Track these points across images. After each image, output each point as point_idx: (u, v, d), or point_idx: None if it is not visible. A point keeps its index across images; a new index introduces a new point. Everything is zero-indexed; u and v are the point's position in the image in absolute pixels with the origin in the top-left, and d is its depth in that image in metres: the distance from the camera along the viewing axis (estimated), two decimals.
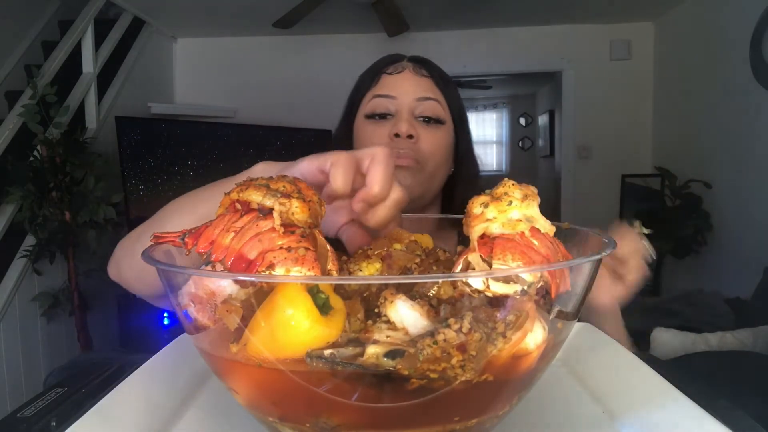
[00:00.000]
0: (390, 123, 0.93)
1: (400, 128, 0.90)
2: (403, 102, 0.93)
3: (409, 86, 0.94)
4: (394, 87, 0.95)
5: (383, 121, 0.94)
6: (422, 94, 0.94)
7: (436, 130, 0.94)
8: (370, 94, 0.97)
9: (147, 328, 2.93)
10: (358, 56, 4.28)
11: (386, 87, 0.95)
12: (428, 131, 0.93)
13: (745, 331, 1.93)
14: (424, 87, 0.95)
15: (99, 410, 0.47)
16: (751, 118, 2.87)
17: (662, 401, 0.49)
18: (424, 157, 0.91)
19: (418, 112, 0.94)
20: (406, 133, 0.90)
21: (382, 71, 0.97)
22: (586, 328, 0.70)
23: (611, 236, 0.43)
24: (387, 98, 0.94)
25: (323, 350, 0.34)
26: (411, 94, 0.94)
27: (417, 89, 0.94)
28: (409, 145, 0.90)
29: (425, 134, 0.92)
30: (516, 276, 0.36)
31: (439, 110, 0.95)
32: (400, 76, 0.96)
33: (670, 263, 3.61)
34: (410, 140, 0.91)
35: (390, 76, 0.96)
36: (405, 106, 0.93)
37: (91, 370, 0.65)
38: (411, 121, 0.92)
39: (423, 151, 0.91)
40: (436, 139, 0.93)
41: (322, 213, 0.44)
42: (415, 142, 0.91)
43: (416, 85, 0.95)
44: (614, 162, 4.04)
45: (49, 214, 2.53)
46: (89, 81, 3.03)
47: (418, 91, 0.94)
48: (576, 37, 4.10)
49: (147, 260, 0.39)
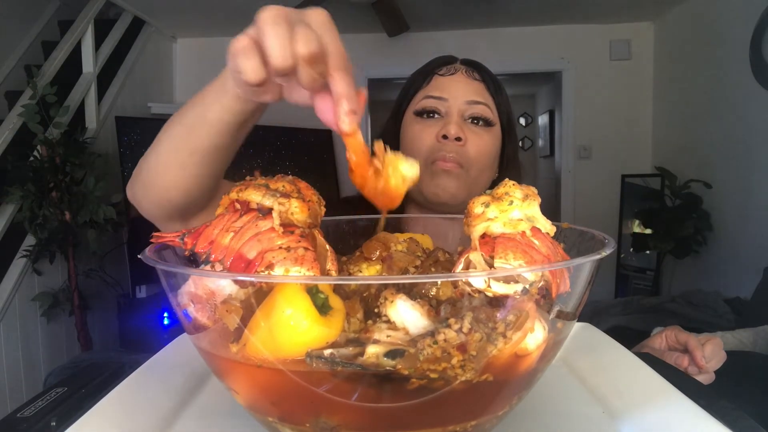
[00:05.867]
0: (438, 123, 0.94)
1: (448, 130, 0.91)
2: (454, 104, 0.94)
3: (460, 89, 0.95)
4: (445, 88, 0.95)
5: (431, 120, 0.95)
6: (473, 97, 0.95)
7: (483, 133, 0.94)
8: (421, 94, 0.97)
9: (147, 328, 2.93)
10: (358, 56, 4.32)
11: (438, 88, 0.96)
12: (476, 134, 0.93)
13: (745, 331, 1.92)
14: (475, 90, 0.96)
15: (99, 410, 0.47)
16: (751, 118, 2.87)
17: (662, 401, 0.49)
18: (470, 160, 0.92)
19: (467, 115, 0.94)
20: (455, 136, 0.90)
21: (434, 72, 0.98)
22: (586, 328, 0.70)
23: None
24: (438, 99, 0.95)
25: (323, 350, 0.34)
26: (462, 97, 0.94)
27: (468, 92, 0.95)
28: (455, 148, 0.91)
29: (473, 137, 0.93)
30: (517, 275, 0.36)
31: (489, 113, 0.95)
32: (452, 78, 0.96)
33: (670, 263, 3.61)
34: (458, 143, 0.91)
35: (442, 78, 0.97)
36: (455, 108, 0.94)
37: (91, 370, 0.65)
38: (460, 124, 0.93)
39: (469, 155, 0.92)
40: (483, 142, 0.94)
41: (322, 213, 0.44)
42: (462, 144, 0.91)
43: (468, 88, 0.95)
44: (614, 162, 4.04)
45: (49, 214, 2.53)
46: (89, 81, 3.03)
47: (469, 94, 0.95)
48: (576, 37, 4.10)
49: (147, 260, 0.39)
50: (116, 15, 3.43)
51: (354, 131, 0.44)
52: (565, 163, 4.28)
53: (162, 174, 0.64)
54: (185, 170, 0.62)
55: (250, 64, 0.43)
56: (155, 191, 0.66)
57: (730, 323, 2.51)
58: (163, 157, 0.63)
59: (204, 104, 0.57)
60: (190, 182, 0.63)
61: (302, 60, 0.42)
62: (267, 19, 0.42)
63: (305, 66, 0.42)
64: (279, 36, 0.41)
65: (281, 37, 0.41)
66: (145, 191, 0.68)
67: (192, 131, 0.59)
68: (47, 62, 2.87)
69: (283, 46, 0.41)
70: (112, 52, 3.30)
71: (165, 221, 0.71)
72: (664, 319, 2.48)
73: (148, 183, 0.66)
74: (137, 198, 0.70)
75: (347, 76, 0.44)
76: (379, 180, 0.46)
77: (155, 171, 0.64)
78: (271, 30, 0.41)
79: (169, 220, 0.71)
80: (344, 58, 0.45)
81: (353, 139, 0.45)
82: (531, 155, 7.18)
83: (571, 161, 4.24)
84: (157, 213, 0.70)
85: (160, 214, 0.70)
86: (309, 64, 0.42)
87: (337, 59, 0.44)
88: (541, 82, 6.03)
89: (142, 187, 0.68)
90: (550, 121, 5.86)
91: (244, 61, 0.43)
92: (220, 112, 0.55)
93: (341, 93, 0.44)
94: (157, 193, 0.66)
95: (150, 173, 0.65)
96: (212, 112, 0.56)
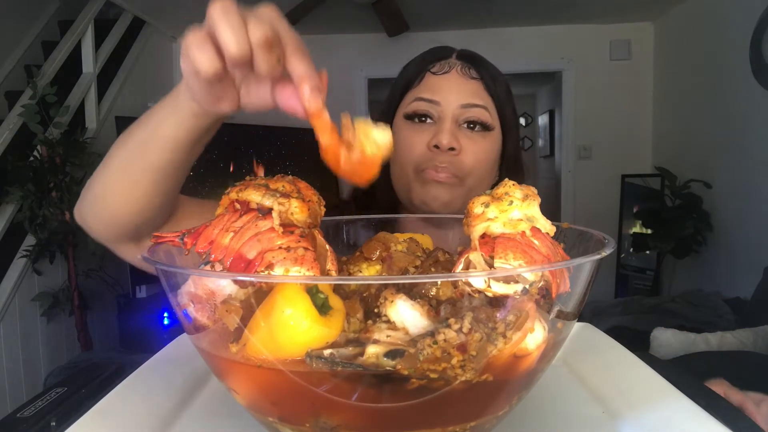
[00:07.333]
0: (431, 129, 0.86)
1: (440, 139, 0.83)
2: (447, 108, 0.85)
3: (454, 90, 0.86)
4: (438, 90, 0.87)
5: (423, 125, 0.87)
6: (468, 100, 0.86)
7: (480, 139, 0.86)
8: (412, 94, 0.89)
9: (147, 328, 2.93)
10: (358, 56, 4.33)
11: (430, 89, 0.87)
12: (472, 140, 0.86)
13: (745, 331, 1.93)
14: (471, 91, 0.87)
15: (99, 410, 0.47)
16: (751, 118, 2.87)
17: (662, 401, 0.49)
18: (465, 170, 0.85)
19: (462, 119, 0.86)
20: (447, 146, 0.83)
21: (427, 69, 0.89)
22: (586, 328, 0.70)
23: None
24: (430, 102, 0.86)
25: (323, 350, 0.34)
26: (456, 101, 0.86)
27: (463, 94, 0.86)
28: (449, 158, 0.83)
29: (468, 144, 0.85)
30: (517, 275, 0.36)
31: (486, 117, 0.87)
32: (445, 77, 0.87)
33: (670, 263, 3.61)
34: (451, 152, 0.83)
35: (435, 77, 0.88)
36: (449, 112, 0.85)
37: (91, 370, 0.65)
38: (453, 131, 0.84)
39: (464, 164, 0.84)
40: (479, 149, 0.86)
41: (322, 213, 0.44)
42: (456, 154, 0.84)
43: (462, 89, 0.87)
44: (614, 162, 4.04)
45: (49, 214, 2.53)
46: (89, 81, 3.03)
47: (464, 96, 0.86)
48: (576, 37, 4.10)
49: (146, 260, 0.39)
50: (116, 15, 3.43)
51: (320, 110, 0.44)
52: (565, 163, 4.28)
53: (113, 193, 0.61)
54: (138, 189, 0.59)
55: (205, 56, 0.42)
56: (107, 211, 0.63)
57: (730, 323, 2.51)
58: (115, 176, 0.60)
59: (157, 121, 0.55)
60: (143, 201, 0.61)
61: (258, 46, 0.41)
62: (218, 10, 0.41)
63: (262, 52, 0.41)
64: (232, 25, 0.40)
65: (234, 26, 0.40)
66: (96, 212, 0.65)
67: (144, 149, 0.57)
68: (47, 62, 2.87)
69: (238, 34, 0.40)
70: (112, 52, 3.30)
71: (117, 243, 0.69)
72: (664, 319, 2.48)
73: (98, 203, 0.64)
74: (87, 220, 0.67)
75: (305, 58, 0.44)
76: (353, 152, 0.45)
77: (106, 190, 0.62)
78: (224, 20, 0.41)
79: (121, 242, 0.68)
80: (300, 42, 0.44)
81: (320, 120, 0.44)
82: (531, 155, 7.18)
83: (571, 161, 4.24)
84: (108, 234, 0.67)
85: (112, 235, 0.67)
86: (265, 49, 0.41)
87: (292, 43, 0.43)
88: (541, 82, 6.03)
89: (92, 207, 0.65)
90: (550, 121, 5.86)
91: (198, 53, 0.42)
92: (173, 128, 0.54)
93: (302, 74, 0.43)
94: (108, 213, 0.63)
95: (101, 193, 0.63)
96: (165, 129, 0.54)
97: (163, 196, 0.62)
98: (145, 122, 0.57)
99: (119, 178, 0.60)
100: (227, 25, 0.41)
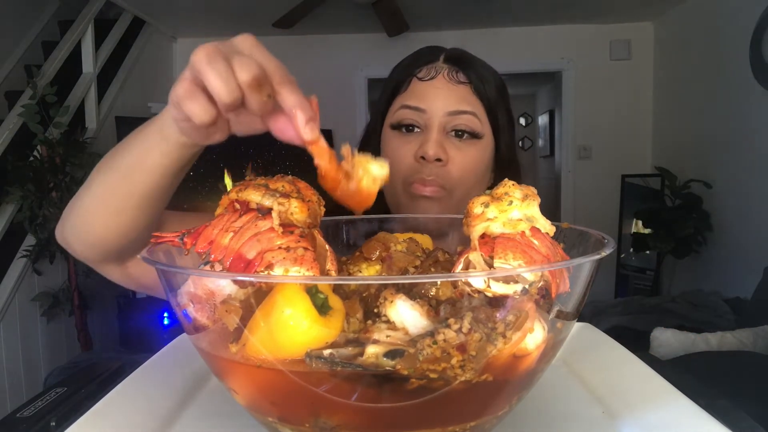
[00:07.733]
0: (418, 139, 0.84)
1: (426, 150, 0.81)
2: (434, 117, 0.83)
3: (441, 97, 0.84)
4: (424, 97, 0.84)
5: (410, 135, 0.85)
6: (455, 107, 0.83)
7: (469, 147, 0.84)
8: (398, 101, 0.87)
9: (147, 328, 2.93)
10: (358, 56, 4.33)
11: (416, 96, 0.85)
12: (460, 150, 0.83)
13: (745, 331, 1.93)
14: (458, 97, 0.84)
15: (99, 410, 0.47)
16: (751, 118, 2.87)
17: (662, 401, 0.49)
18: (453, 182, 0.83)
19: (450, 128, 0.84)
20: (434, 157, 0.81)
21: (414, 74, 0.86)
22: (586, 328, 0.70)
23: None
24: (416, 110, 0.84)
25: (322, 350, 0.34)
26: (442, 108, 0.83)
27: (450, 101, 0.84)
28: (436, 170, 0.82)
29: (456, 154, 0.83)
30: (517, 275, 0.36)
31: (475, 124, 0.84)
32: (432, 83, 0.84)
33: (670, 263, 3.62)
34: (438, 163, 0.82)
35: (421, 83, 0.85)
36: (435, 121, 0.83)
37: (91, 370, 0.65)
38: (440, 141, 0.82)
39: (452, 176, 0.82)
40: (468, 159, 0.84)
41: (322, 213, 0.44)
42: (443, 165, 0.82)
43: (449, 95, 0.84)
44: (614, 162, 4.04)
45: (49, 214, 2.53)
46: (89, 81, 3.03)
47: (451, 103, 0.83)
48: (576, 37, 4.10)
49: (146, 260, 0.39)
50: (116, 15, 3.43)
51: (317, 138, 0.44)
52: (565, 163, 4.28)
53: (97, 218, 0.61)
54: (123, 214, 0.59)
55: (198, 107, 0.43)
56: (90, 235, 0.63)
57: (730, 323, 2.51)
58: (99, 200, 0.60)
59: (142, 149, 0.55)
60: (127, 225, 0.60)
61: (248, 88, 0.41)
62: (202, 59, 0.41)
63: (252, 93, 0.42)
64: (219, 72, 0.41)
65: (222, 72, 0.41)
66: (78, 234, 0.64)
67: (129, 176, 0.57)
68: (47, 62, 2.87)
69: (227, 81, 0.41)
70: (112, 52, 3.31)
71: (100, 263, 0.69)
72: (664, 319, 2.48)
73: (82, 227, 0.63)
74: (69, 241, 0.66)
75: (294, 88, 0.44)
76: (351, 182, 0.46)
77: (90, 215, 0.61)
78: (210, 68, 0.41)
79: (104, 262, 0.68)
80: (285, 72, 0.44)
81: (317, 147, 0.44)
82: (531, 155, 7.18)
83: (571, 161, 4.24)
84: (92, 255, 0.67)
85: (96, 256, 0.67)
86: (255, 90, 0.42)
87: (278, 75, 0.43)
88: (541, 82, 6.03)
89: (75, 230, 0.64)
90: (550, 121, 5.86)
91: (191, 105, 0.43)
92: (159, 158, 0.53)
93: (293, 105, 0.43)
94: (92, 237, 0.63)
95: (84, 217, 0.62)
96: (152, 158, 0.54)
97: (148, 219, 0.61)
98: (128, 149, 0.57)
99: (104, 203, 0.60)
100: (215, 74, 0.41)
